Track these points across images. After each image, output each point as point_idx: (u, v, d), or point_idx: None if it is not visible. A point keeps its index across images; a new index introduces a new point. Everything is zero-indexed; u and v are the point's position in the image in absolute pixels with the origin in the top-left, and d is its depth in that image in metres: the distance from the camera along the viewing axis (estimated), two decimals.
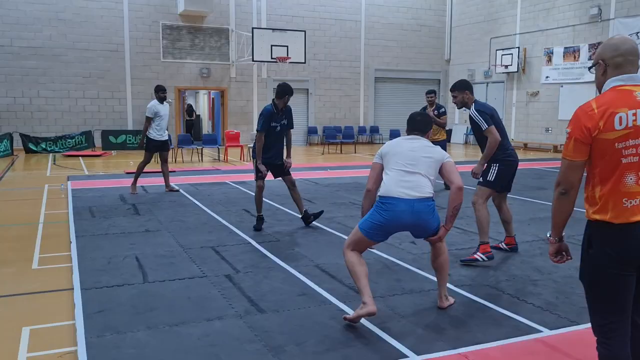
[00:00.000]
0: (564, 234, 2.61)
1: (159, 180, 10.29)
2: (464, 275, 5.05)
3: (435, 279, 4.39)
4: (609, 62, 2.46)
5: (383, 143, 21.70)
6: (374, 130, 22.23)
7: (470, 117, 5.57)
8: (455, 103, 5.76)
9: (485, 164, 5.62)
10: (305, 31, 18.30)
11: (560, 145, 19.12)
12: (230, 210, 8.08)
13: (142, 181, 10.89)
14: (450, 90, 5.81)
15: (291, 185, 7.02)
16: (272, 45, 17.53)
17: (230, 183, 10.87)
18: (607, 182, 2.39)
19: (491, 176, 5.60)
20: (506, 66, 20.60)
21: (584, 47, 18.24)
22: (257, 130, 6.83)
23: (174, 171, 12.61)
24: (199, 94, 25.20)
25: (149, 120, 9.42)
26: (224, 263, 5.38)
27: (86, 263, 5.31)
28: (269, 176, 6.99)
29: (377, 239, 3.99)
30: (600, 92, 2.53)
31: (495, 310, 4.20)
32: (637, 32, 16.66)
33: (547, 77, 19.68)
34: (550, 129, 19.72)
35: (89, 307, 4.15)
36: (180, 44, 19.42)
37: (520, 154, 10.05)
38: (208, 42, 19.75)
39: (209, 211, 7.98)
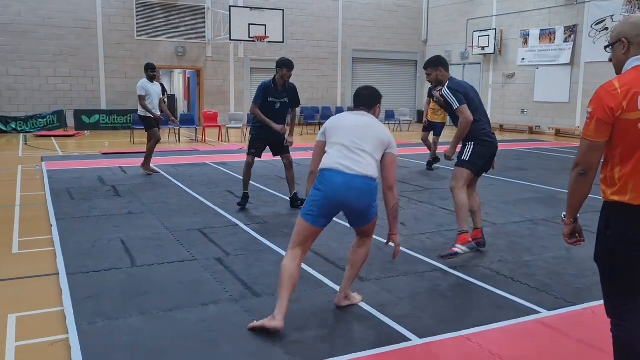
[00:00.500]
0: (578, 215, 2.57)
1: (139, 161, 10.04)
2: (458, 257, 5.02)
3: (435, 263, 4.34)
4: (632, 41, 2.38)
5: None
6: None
7: (443, 96, 5.14)
8: (429, 82, 5.32)
9: (460, 145, 5.16)
10: (283, 10, 18.01)
11: (536, 126, 19.36)
12: (213, 191, 7.93)
13: (120, 162, 10.65)
14: (424, 68, 5.35)
15: (289, 164, 6.94)
16: (249, 24, 17.21)
17: (211, 164, 10.69)
18: (628, 163, 2.34)
19: (466, 155, 5.05)
20: (483, 48, 20.66)
21: (560, 29, 18.37)
22: (253, 103, 6.78)
23: None
24: (174, 73, 24.72)
25: (142, 98, 9.15)
26: (212, 246, 5.26)
27: (69, 247, 5.13)
28: (269, 156, 6.92)
29: (317, 224, 3.49)
30: (619, 72, 2.47)
31: (491, 292, 4.19)
32: (612, 15, 16.81)
33: (523, 59, 19.80)
34: (525, 110, 19.89)
35: (77, 293, 4.00)
36: (154, 22, 18.94)
37: (496, 135, 10.03)
38: (183, 20, 19.31)
39: (192, 192, 7.81)
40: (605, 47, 2.60)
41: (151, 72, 9.32)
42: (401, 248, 5.22)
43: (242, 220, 6.22)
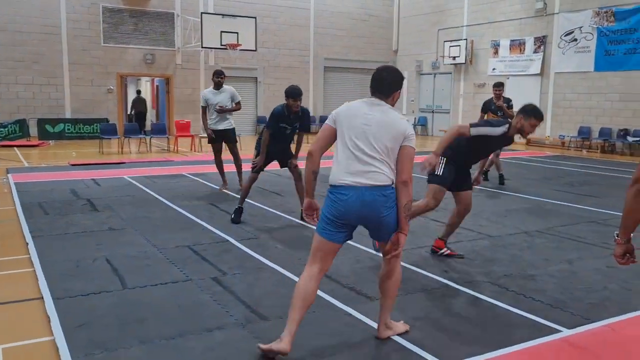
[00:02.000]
0: (632, 235, 2.42)
1: (112, 173, 9.63)
2: (462, 272, 4.87)
3: (443, 279, 4.17)
4: None
5: None
6: (324, 120, 21.85)
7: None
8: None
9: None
10: (256, 18, 17.76)
11: None
12: (196, 204, 7.61)
13: (92, 173, 10.20)
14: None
15: (298, 176, 6.75)
16: (221, 32, 16.89)
17: (188, 175, 10.33)
18: None
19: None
20: (454, 57, 20.81)
21: (530, 39, 18.63)
22: (265, 126, 6.73)
23: (123, 162, 11.93)
24: (141, 81, 24.14)
25: (203, 110, 8.84)
26: (206, 264, 4.97)
27: (51, 268, 4.76)
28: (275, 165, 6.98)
29: (335, 239, 3.26)
30: None
31: (506, 309, 4.03)
32: (580, 27, 17.14)
33: (493, 68, 20.01)
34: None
35: (67, 320, 3.66)
36: (122, 28, 18.41)
37: None
38: (152, 26, 18.83)
39: (173, 206, 7.47)
40: None
41: (216, 77, 8.85)
42: (403, 263, 5.06)
43: (233, 236, 5.93)
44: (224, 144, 9.03)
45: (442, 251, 5.37)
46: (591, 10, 16.69)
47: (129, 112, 21.19)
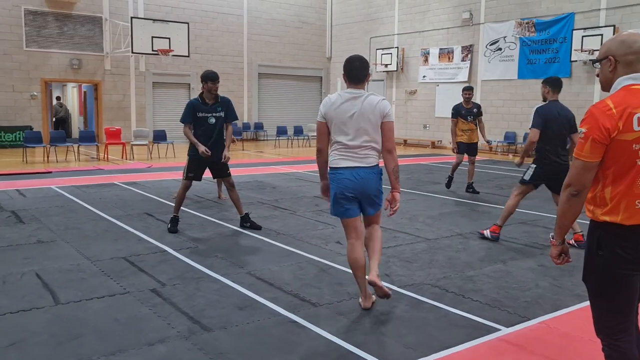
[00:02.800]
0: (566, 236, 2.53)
1: (38, 183, 9.18)
2: (402, 275, 4.95)
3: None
4: (620, 59, 2.36)
5: (268, 140, 21.52)
6: (259, 126, 21.85)
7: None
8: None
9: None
10: (188, 23, 17.48)
11: (437, 141, 20.14)
12: (130, 214, 7.36)
13: (16, 184, 9.70)
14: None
15: (230, 187, 6.59)
16: (152, 37, 16.52)
17: (120, 184, 9.99)
18: (621, 183, 2.31)
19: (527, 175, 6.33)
20: (386, 65, 21.26)
21: (457, 48, 19.30)
22: (181, 121, 6.47)
23: (50, 172, 11.41)
24: (67, 87, 23.18)
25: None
26: (144, 275, 4.81)
27: None
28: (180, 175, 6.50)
29: (355, 213, 4.00)
30: (605, 89, 2.47)
31: (447, 310, 4.13)
32: (504, 37, 17.93)
33: (424, 76, 20.59)
34: (427, 125, 20.66)
35: None
36: (46, 32, 17.64)
37: (400, 150, 10.34)
38: (79, 30, 18.15)
39: (106, 216, 7.20)
40: (593, 63, 2.58)
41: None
42: (345, 268, 5.11)
43: (171, 246, 5.78)
44: None
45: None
46: (514, 21, 17.50)
47: (54, 119, 20.34)
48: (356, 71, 3.94)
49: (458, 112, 9.53)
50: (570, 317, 4.06)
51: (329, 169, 4.04)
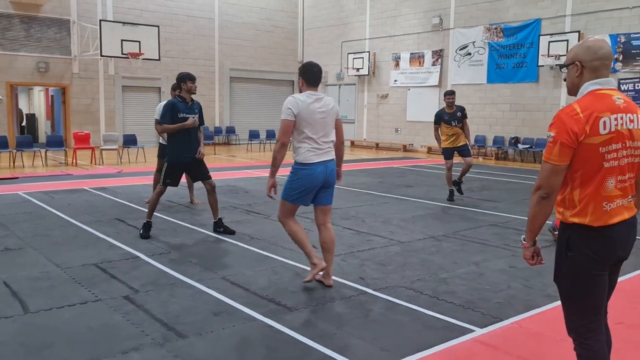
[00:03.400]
0: (537, 237, 2.57)
1: (4, 189, 8.95)
2: (377, 278, 4.98)
3: (359, 286, 4.23)
4: (586, 65, 2.42)
5: (240, 144, 21.40)
6: (230, 130, 21.73)
7: None
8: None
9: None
10: (158, 26, 17.30)
11: (409, 144, 20.32)
12: (100, 220, 7.24)
13: None
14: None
15: (211, 189, 6.54)
16: (122, 40, 16.30)
17: (90, 189, 9.81)
18: (589, 185, 2.37)
19: None
20: (357, 69, 21.39)
21: (428, 53, 19.53)
22: (159, 123, 6.46)
23: (17, 177, 11.15)
24: (34, 91, 22.69)
25: (157, 122, 8.15)
26: (116, 282, 4.73)
27: None
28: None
29: (304, 203, 4.61)
30: (572, 93, 2.53)
31: (421, 312, 4.16)
32: (474, 42, 18.21)
33: (395, 80, 20.77)
34: (399, 129, 20.83)
35: None
36: (11, 34, 17.25)
37: (372, 154, 10.44)
38: (46, 33, 17.80)
39: (76, 222, 7.07)
40: (560, 67, 2.65)
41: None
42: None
43: (143, 252, 5.70)
44: None
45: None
46: (482, 27, 17.80)
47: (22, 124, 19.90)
48: (316, 75, 4.55)
49: (440, 118, 9.26)
50: (541, 317, 4.14)
51: (299, 164, 4.49)
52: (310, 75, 4.51)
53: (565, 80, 2.56)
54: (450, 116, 9.20)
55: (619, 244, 2.42)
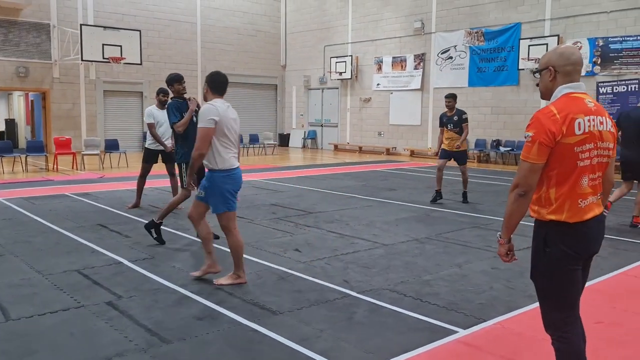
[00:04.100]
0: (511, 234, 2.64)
1: None
2: (361, 281, 5.00)
3: (344, 289, 4.23)
4: (559, 70, 2.55)
5: None
6: None
7: None
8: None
9: None
10: (140, 31, 17.22)
11: (392, 147, 20.42)
12: (82, 226, 7.18)
13: None
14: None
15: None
16: (103, 45, 16.19)
17: (72, 195, 9.72)
18: (565, 184, 2.48)
19: None
20: (340, 73, 21.46)
21: (410, 57, 19.67)
22: (174, 123, 6.31)
23: None
24: (13, 96, 22.42)
25: (152, 126, 8.12)
26: (99, 288, 4.70)
27: None
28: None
29: (235, 207, 4.79)
30: (545, 97, 2.65)
31: (405, 314, 4.19)
32: (455, 46, 18.38)
33: (378, 84, 20.87)
34: (382, 132, 20.93)
35: None
36: None
37: (355, 157, 10.53)
38: (25, 37, 17.62)
39: (57, 228, 7.00)
40: (534, 72, 2.76)
41: (163, 96, 8.16)
42: (304, 275, 5.12)
43: (126, 257, 5.66)
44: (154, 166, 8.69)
45: None
46: (463, 31, 17.98)
47: None
48: (224, 85, 4.74)
49: (440, 121, 9.46)
50: (523, 317, 4.19)
51: (226, 170, 4.65)
52: (219, 85, 4.70)
53: (538, 85, 2.68)
54: (448, 119, 9.35)
55: (593, 239, 2.55)
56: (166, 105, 6.52)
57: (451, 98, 9.42)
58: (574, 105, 2.47)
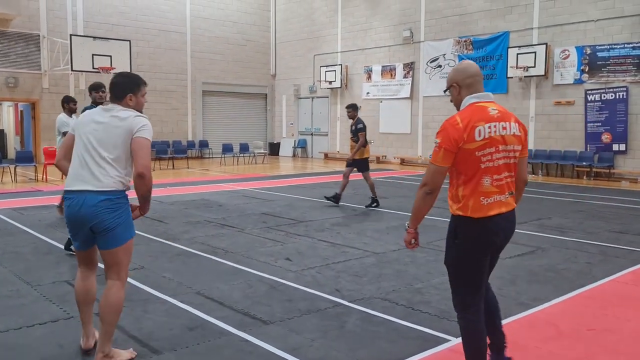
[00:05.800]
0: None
1: None
2: (352, 290, 5.00)
3: (335, 298, 4.22)
4: (461, 84, 2.94)
5: (213, 157, 21.32)
6: (203, 144, 21.63)
7: None
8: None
9: None
10: (130, 41, 17.20)
11: (382, 156, 20.49)
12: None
13: None
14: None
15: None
16: (93, 55, 16.15)
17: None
18: (469, 183, 2.84)
19: None
20: (330, 82, 21.53)
21: (399, 65, 19.78)
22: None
23: None
24: (2, 106, 22.29)
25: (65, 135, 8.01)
26: None
27: None
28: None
29: (77, 245, 3.48)
30: (458, 108, 2.96)
31: (397, 323, 4.19)
32: (444, 54, 18.51)
33: (367, 92, 20.96)
34: (372, 141, 20.91)
35: None
36: None
37: (345, 166, 10.66)
38: (14, 48, 17.54)
39: (46, 239, 6.94)
40: (444, 91, 3.13)
41: (73, 104, 8.04)
42: (295, 285, 5.10)
43: None
44: None
45: None
46: (452, 39, 18.11)
47: None
48: (116, 87, 3.51)
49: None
50: (515, 325, 4.20)
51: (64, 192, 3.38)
52: (109, 87, 3.62)
53: (451, 100, 3.02)
54: (350, 129, 10.10)
55: (496, 233, 2.88)
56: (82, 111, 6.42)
57: (351, 108, 10.02)
58: (476, 114, 2.81)
